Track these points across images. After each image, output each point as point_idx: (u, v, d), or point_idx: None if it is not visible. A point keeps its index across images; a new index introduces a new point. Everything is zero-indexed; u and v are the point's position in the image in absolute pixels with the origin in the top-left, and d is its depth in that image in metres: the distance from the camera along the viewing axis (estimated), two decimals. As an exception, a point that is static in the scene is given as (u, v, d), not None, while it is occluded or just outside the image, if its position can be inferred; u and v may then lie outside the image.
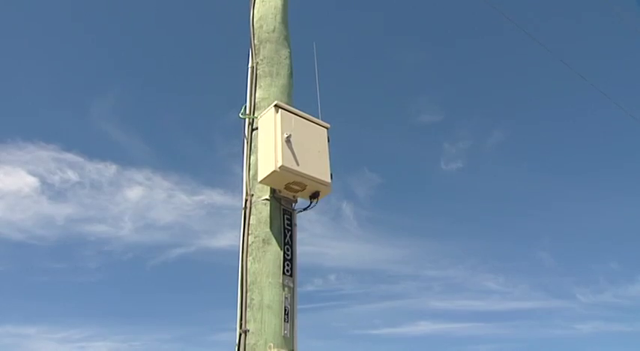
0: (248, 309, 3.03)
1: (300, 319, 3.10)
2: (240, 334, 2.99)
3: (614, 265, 16.74)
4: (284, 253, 3.16)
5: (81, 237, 15.46)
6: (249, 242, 3.20)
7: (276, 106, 3.35)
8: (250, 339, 2.95)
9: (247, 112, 3.63)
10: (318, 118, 3.53)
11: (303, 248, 3.31)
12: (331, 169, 3.36)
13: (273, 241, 3.17)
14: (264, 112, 3.43)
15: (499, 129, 18.20)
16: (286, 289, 3.08)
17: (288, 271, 3.13)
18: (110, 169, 15.29)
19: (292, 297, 3.10)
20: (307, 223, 3.61)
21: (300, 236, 3.32)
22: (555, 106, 17.88)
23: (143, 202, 15.89)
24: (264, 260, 3.12)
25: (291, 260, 3.18)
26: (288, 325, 3.02)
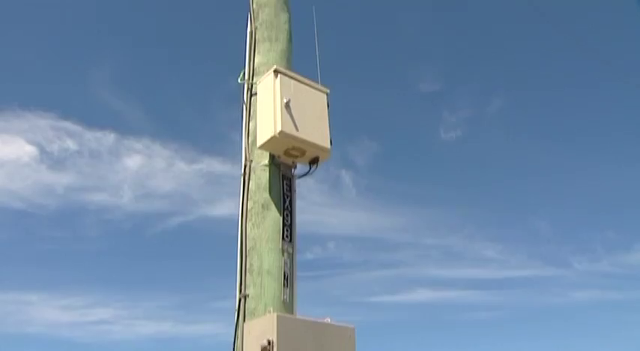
0: (248, 274, 3.04)
1: (299, 287, 3.11)
2: (239, 299, 3.00)
3: (611, 233, 16.83)
4: (283, 218, 3.16)
5: (81, 206, 15.50)
6: (249, 208, 3.19)
7: (275, 71, 3.30)
8: (250, 304, 2.96)
9: (246, 77, 3.59)
10: (317, 83, 3.49)
11: (301, 216, 3.30)
12: (331, 135, 3.34)
13: (273, 207, 3.17)
14: (264, 77, 3.39)
15: (498, 97, 18.07)
16: (285, 254, 3.09)
17: (287, 236, 3.13)
18: (109, 138, 15.24)
19: (292, 262, 3.11)
20: (306, 191, 3.60)
21: (299, 204, 3.31)
22: (555, 74, 17.73)
23: (142, 170, 15.88)
24: (263, 226, 3.12)
25: (290, 226, 3.18)
26: (288, 290, 3.03)
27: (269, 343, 2.55)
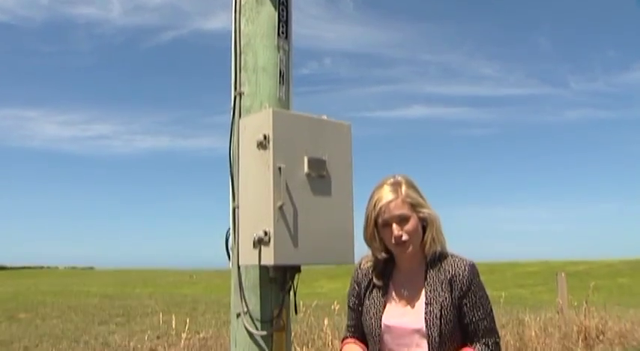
0: (242, 71, 2.95)
1: (295, 104, 3.03)
2: (234, 97, 2.95)
3: (611, 52, 16.54)
4: (279, 13, 2.98)
5: (69, 19, 15.06)
6: (242, 2, 3.00)
7: None
8: (245, 101, 2.92)
9: None
10: None
11: (298, 31, 3.11)
12: None
13: (267, 2, 2.98)
14: None
15: None
16: (281, 51, 2.97)
17: (283, 33, 2.99)
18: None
19: (287, 60, 3.01)
20: (303, 4, 3.37)
21: (295, 17, 3.10)
22: None
23: (131, -20, 15.05)
24: (258, 21, 2.96)
25: (286, 22, 3.02)
26: (284, 87, 2.97)
27: (265, 137, 2.54)
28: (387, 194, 2.21)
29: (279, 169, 2.50)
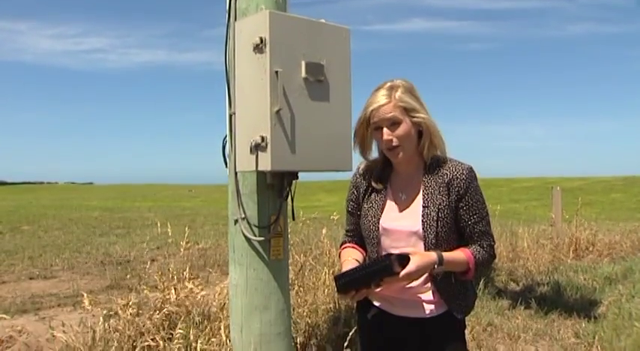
0: (237, -27, 2.84)
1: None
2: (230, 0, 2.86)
3: (624, -41, 15.86)
4: None
5: None
6: None
7: None
8: (241, 3, 2.83)
9: None
10: None
11: None
12: None
13: None
14: None
15: None
16: (278, -49, 2.84)
17: None
18: None
19: (285, -40, 2.88)
20: None
21: None
22: None
23: None
24: None
25: None
26: (281, -10, 2.86)
27: (261, 40, 2.47)
28: (380, 98, 2.16)
29: (276, 73, 2.44)
